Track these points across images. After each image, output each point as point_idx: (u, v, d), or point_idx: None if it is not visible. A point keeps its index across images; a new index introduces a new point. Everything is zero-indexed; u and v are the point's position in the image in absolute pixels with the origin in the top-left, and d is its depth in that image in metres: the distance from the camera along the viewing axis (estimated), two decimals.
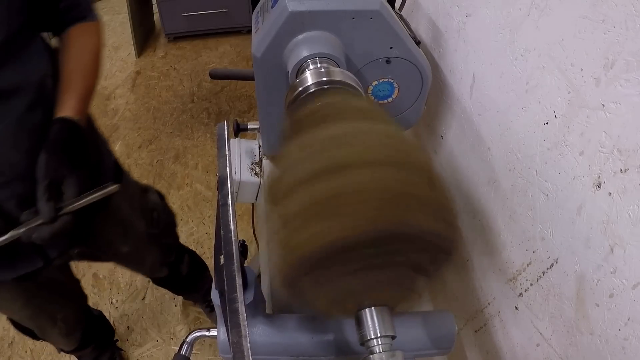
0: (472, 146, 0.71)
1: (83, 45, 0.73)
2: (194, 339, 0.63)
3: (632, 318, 0.42)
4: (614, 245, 0.43)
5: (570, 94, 0.48)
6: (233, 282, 0.42)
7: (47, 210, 0.58)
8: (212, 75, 1.00)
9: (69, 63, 0.70)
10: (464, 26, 0.71)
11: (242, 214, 1.69)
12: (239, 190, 0.90)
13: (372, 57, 0.62)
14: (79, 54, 0.72)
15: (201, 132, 2.26)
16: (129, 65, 2.74)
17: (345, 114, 0.47)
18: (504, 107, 0.61)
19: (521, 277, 0.60)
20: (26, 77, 0.65)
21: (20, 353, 1.45)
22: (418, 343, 0.56)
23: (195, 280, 1.34)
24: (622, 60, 0.41)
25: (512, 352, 0.65)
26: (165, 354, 1.45)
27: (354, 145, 0.41)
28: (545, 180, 0.54)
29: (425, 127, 0.90)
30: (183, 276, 1.26)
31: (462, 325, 0.80)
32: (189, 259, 1.27)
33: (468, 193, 0.73)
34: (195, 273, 1.32)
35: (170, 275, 1.20)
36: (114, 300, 1.59)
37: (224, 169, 0.50)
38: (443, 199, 0.41)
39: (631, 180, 0.41)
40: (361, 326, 0.45)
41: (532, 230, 0.57)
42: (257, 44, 0.59)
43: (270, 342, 0.55)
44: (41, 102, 0.67)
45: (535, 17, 0.53)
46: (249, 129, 0.94)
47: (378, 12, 0.57)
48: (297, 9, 0.56)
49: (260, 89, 0.65)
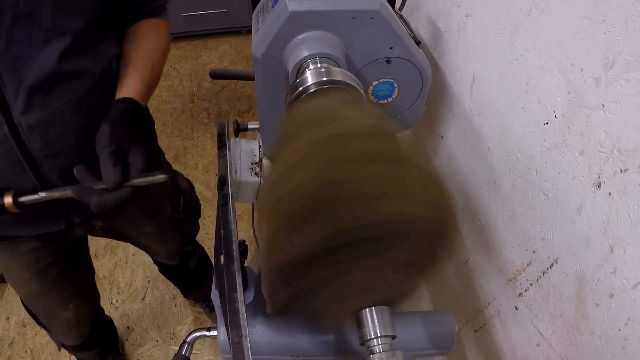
0: (472, 146, 0.71)
1: (155, 37, 0.74)
2: (194, 339, 0.63)
3: (632, 318, 0.42)
4: (614, 245, 0.43)
5: (570, 94, 0.48)
6: (233, 282, 0.42)
7: (112, 175, 0.54)
8: (212, 75, 1.00)
9: (138, 50, 0.71)
10: (464, 26, 0.71)
11: (242, 214, 1.69)
12: (239, 190, 0.90)
13: (372, 57, 0.62)
14: (151, 45, 0.73)
15: (201, 132, 2.26)
16: None
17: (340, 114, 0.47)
18: (504, 107, 0.61)
19: (521, 277, 0.60)
20: (95, 63, 0.65)
21: (20, 353, 1.45)
22: (418, 343, 0.56)
23: (201, 276, 1.34)
24: (622, 60, 0.41)
25: (512, 352, 0.65)
26: (165, 354, 1.45)
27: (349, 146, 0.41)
28: (545, 180, 0.54)
29: (425, 127, 0.90)
30: (191, 270, 1.26)
31: (462, 325, 0.80)
32: (199, 254, 1.28)
33: (468, 193, 0.73)
34: (202, 269, 1.32)
35: (180, 266, 1.21)
36: (114, 300, 1.58)
37: (224, 169, 0.50)
38: (441, 198, 0.41)
39: (631, 180, 0.41)
40: (361, 326, 0.45)
41: (532, 230, 0.57)
42: (257, 44, 0.59)
43: (270, 342, 0.55)
44: (102, 83, 0.67)
45: (535, 17, 0.53)
46: (249, 129, 0.94)
47: (378, 12, 0.57)
48: (297, 9, 0.56)
49: (260, 89, 0.65)
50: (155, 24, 0.76)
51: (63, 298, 0.97)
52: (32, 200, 0.59)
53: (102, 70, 0.67)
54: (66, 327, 1.03)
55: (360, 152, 0.40)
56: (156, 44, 0.74)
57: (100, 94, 0.67)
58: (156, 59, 0.73)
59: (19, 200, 0.58)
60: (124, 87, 0.66)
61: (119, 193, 0.55)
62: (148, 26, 0.75)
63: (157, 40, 0.75)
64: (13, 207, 0.58)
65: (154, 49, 0.73)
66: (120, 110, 0.62)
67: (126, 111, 0.62)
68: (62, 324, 1.02)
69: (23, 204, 0.59)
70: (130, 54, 0.70)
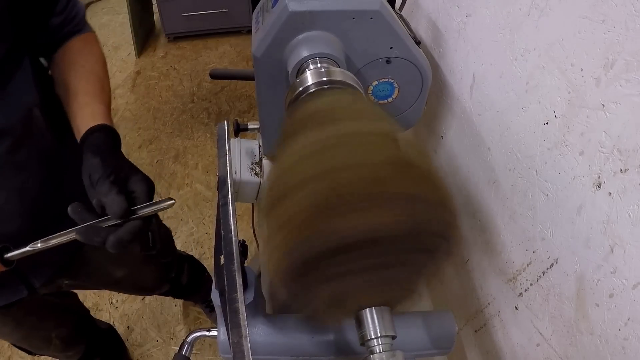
0: (472, 146, 0.71)
1: (90, 54, 0.68)
2: (194, 339, 0.63)
3: (632, 318, 0.42)
4: (614, 245, 0.43)
5: (570, 94, 0.48)
6: (233, 282, 0.42)
7: (119, 202, 0.47)
8: (212, 75, 1.00)
9: (79, 73, 0.64)
10: (464, 26, 0.71)
11: (242, 214, 1.69)
12: (239, 190, 0.90)
13: (372, 57, 0.62)
14: (89, 63, 0.67)
15: (201, 132, 2.26)
16: (129, 65, 2.74)
17: (340, 115, 0.47)
18: (504, 107, 0.61)
19: (521, 277, 0.60)
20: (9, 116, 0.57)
21: (20, 353, 1.45)
22: (418, 343, 0.56)
23: (196, 285, 1.34)
24: (622, 60, 0.41)
25: (512, 352, 0.65)
26: (165, 354, 1.45)
27: (350, 146, 0.41)
28: (545, 180, 0.54)
29: (425, 127, 0.90)
30: (184, 285, 1.25)
31: (462, 325, 0.80)
32: (188, 267, 1.25)
33: (468, 193, 0.73)
34: (195, 279, 1.31)
35: (171, 287, 1.20)
36: (114, 300, 1.58)
37: (224, 169, 0.50)
38: (443, 198, 0.41)
39: (631, 180, 0.41)
40: (361, 326, 0.45)
41: (532, 230, 0.57)
42: (257, 44, 0.59)
43: (270, 342, 0.55)
44: (27, 139, 0.60)
45: (535, 17, 0.53)
46: (249, 129, 0.94)
47: (378, 12, 0.57)
48: (297, 9, 0.56)
49: (260, 89, 0.65)
50: (83, 40, 0.69)
51: (46, 334, 0.96)
52: (22, 255, 0.51)
53: (23, 124, 0.59)
54: (60, 351, 1.04)
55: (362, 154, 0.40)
56: (94, 59, 0.68)
57: (29, 149, 0.60)
58: (101, 76, 0.67)
59: (5, 256, 0.50)
60: (86, 115, 0.60)
61: (133, 225, 0.49)
62: (77, 45, 0.68)
63: (92, 56, 0.68)
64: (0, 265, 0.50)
65: (94, 66, 0.67)
66: (102, 139, 0.56)
67: (108, 138, 0.57)
68: (54, 351, 1.03)
69: (10, 261, 0.51)
70: (73, 80, 0.64)
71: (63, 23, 0.66)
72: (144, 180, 0.52)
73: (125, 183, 0.51)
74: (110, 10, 3.32)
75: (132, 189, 0.51)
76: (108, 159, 0.52)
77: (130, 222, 0.49)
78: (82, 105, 0.61)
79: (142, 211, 0.49)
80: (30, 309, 0.86)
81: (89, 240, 0.48)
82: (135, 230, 0.49)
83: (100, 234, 0.48)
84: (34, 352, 1.01)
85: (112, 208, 0.47)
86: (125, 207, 0.48)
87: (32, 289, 0.73)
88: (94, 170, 0.51)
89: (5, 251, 0.51)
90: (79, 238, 0.48)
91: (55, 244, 0.50)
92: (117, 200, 0.47)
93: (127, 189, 0.50)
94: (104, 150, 0.54)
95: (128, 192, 0.50)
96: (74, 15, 0.68)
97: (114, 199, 0.47)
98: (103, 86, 0.66)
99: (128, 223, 0.49)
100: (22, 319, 0.85)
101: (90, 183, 0.51)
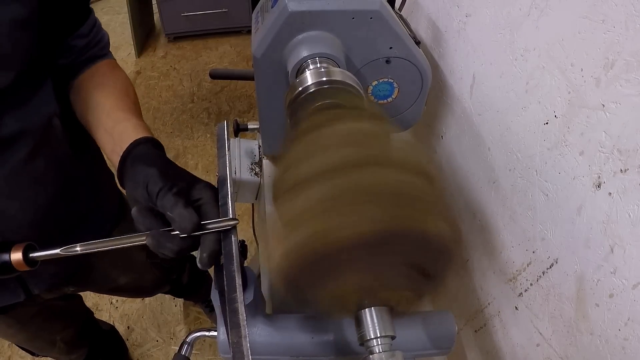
0: (472, 146, 0.71)
1: (118, 77, 0.66)
2: (194, 339, 0.63)
3: (632, 318, 0.42)
4: (614, 245, 0.43)
5: (570, 94, 0.48)
6: (233, 282, 0.42)
7: (188, 218, 0.42)
8: (212, 75, 1.00)
9: (114, 94, 0.62)
10: (464, 26, 0.71)
11: (242, 214, 1.69)
12: (239, 190, 0.90)
13: (372, 57, 0.62)
14: (121, 85, 0.64)
15: (201, 132, 2.26)
16: (129, 65, 2.74)
17: (349, 114, 0.47)
18: (504, 107, 0.61)
19: (521, 277, 0.60)
20: (31, 123, 0.56)
21: (21, 353, 1.45)
22: (418, 343, 0.56)
23: (197, 284, 1.34)
24: (622, 60, 0.41)
25: (512, 352, 0.65)
26: (165, 354, 1.45)
27: (360, 145, 0.42)
28: (545, 180, 0.53)
29: (425, 127, 0.90)
30: (184, 284, 1.25)
31: (462, 325, 0.80)
32: (189, 267, 1.25)
33: (468, 193, 0.73)
34: (196, 278, 1.32)
35: (172, 287, 1.20)
36: (114, 300, 1.58)
37: (224, 169, 0.50)
38: (443, 201, 0.42)
39: (631, 180, 0.41)
40: (361, 326, 0.45)
41: (532, 230, 0.57)
42: (257, 44, 0.59)
43: (270, 342, 0.55)
44: (44, 148, 0.59)
45: (535, 17, 0.53)
46: (249, 129, 0.94)
47: (378, 12, 0.57)
48: (297, 9, 0.56)
49: (260, 89, 0.65)
50: (108, 65, 0.67)
51: (51, 337, 0.96)
52: (50, 257, 0.47)
53: (43, 132, 0.58)
54: (64, 354, 1.05)
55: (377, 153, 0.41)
56: (123, 82, 0.66)
57: (46, 160, 0.59)
58: (134, 99, 0.64)
59: (30, 256, 0.47)
60: (126, 128, 0.56)
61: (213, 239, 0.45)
62: (103, 69, 0.66)
63: (121, 79, 0.66)
64: (23, 264, 0.46)
65: (126, 88, 0.64)
66: (152, 150, 0.52)
67: (158, 149, 0.53)
68: (58, 353, 1.03)
69: (35, 261, 0.47)
70: (104, 99, 0.60)
71: (87, 46, 0.65)
72: (208, 187, 0.48)
73: (189, 192, 0.47)
74: (110, 10, 3.32)
75: (197, 197, 0.47)
76: (165, 168, 0.48)
77: (208, 236, 0.45)
78: (120, 120, 0.57)
79: (208, 227, 0.45)
80: (35, 312, 0.85)
81: (160, 247, 0.43)
82: (217, 246, 0.45)
83: (173, 242, 0.43)
84: (36, 353, 1.02)
85: (181, 223, 0.42)
86: (196, 221, 0.43)
87: (29, 295, 0.72)
88: (153, 182, 0.45)
89: (31, 250, 0.47)
90: (149, 243, 0.44)
91: (91, 250, 0.46)
92: (186, 215, 0.43)
93: (191, 198, 0.46)
94: (158, 161, 0.50)
95: (193, 201, 0.46)
96: (98, 40, 0.67)
97: (182, 214, 0.43)
98: (137, 107, 0.63)
99: (207, 237, 0.45)
100: (27, 321, 0.85)
101: (149, 196, 0.45)
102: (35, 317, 0.86)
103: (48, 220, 0.64)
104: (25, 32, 0.52)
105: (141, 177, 0.47)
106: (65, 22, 0.61)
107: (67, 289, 0.83)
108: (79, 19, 0.63)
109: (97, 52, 0.67)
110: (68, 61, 0.64)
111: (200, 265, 0.44)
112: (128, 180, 0.49)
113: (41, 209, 0.62)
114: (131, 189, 0.48)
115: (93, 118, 0.60)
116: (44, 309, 0.88)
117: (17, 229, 0.60)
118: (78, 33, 0.63)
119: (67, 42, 0.62)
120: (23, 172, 0.57)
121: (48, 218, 0.64)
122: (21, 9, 0.50)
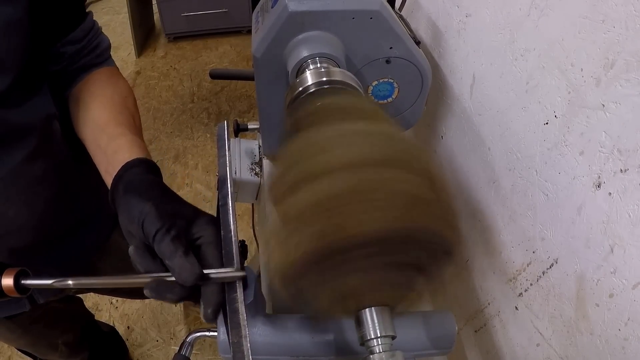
0: (472, 146, 0.71)
1: (117, 87, 0.62)
2: (194, 339, 0.63)
3: (632, 318, 0.42)
4: (614, 245, 0.43)
5: (570, 94, 0.48)
6: (233, 283, 0.42)
7: (189, 270, 0.39)
8: (212, 75, 1.00)
9: (110, 106, 0.58)
10: (464, 26, 0.71)
11: (242, 214, 1.69)
12: (239, 190, 0.90)
13: (372, 57, 0.62)
14: (119, 97, 0.61)
15: (201, 132, 2.26)
16: (129, 65, 2.74)
17: (349, 113, 0.47)
18: (504, 107, 0.61)
19: (521, 277, 0.60)
20: (29, 125, 0.55)
21: (21, 353, 1.45)
22: (418, 343, 0.56)
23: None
24: (622, 60, 0.41)
25: (512, 352, 0.65)
26: (165, 354, 1.45)
27: (360, 145, 0.42)
28: (545, 180, 0.54)
29: (425, 127, 0.90)
30: None
31: (462, 325, 0.80)
32: None
33: (468, 193, 0.73)
34: None
35: None
36: (114, 300, 1.58)
37: (224, 169, 0.50)
38: (446, 201, 0.42)
39: (631, 180, 0.41)
40: (361, 326, 0.45)
41: (532, 230, 0.57)
42: (257, 44, 0.59)
43: (270, 342, 0.55)
44: (44, 150, 0.57)
45: (535, 17, 0.53)
46: (249, 129, 0.94)
47: (378, 12, 0.57)
48: (297, 9, 0.56)
49: (260, 89, 0.65)
50: (107, 73, 0.63)
51: (53, 341, 0.97)
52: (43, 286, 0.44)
53: (42, 133, 0.56)
54: (65, 357, 1.05)
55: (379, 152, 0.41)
56: (122, 92, 0.62)
57: (45, 162, 0.58)
58: (133, 111, 0.61)
59: (22, 283, 0.43)
60: (120, 146, 0.52)
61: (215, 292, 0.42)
62: (100, 78, 0.62)
63: (119, 90, 0.62)
64: (14, 291, 0.43)
65: (124, 99, 0.61)
66: (146, 176, 0.48)
67: (152, 175, 0.49)
68: (60, 357, 1.03)
69: (26, 289, 0.44)
70: (99, 112, 0.57)
71: (80, 53, 0.61)
72: (209, 222, 0.44)
73: (188, 230, 0.43)
74: (110, 10, 3.32)
75: (197, 235, 0.43)
76: (162, 203, 0.43)
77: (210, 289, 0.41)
78: (115, 137, 0.54)
79: (213, 278, 0.42)
80: (37, 316, 0.85)
81: (159, 297, 0.40)
82: (221, 297, 0.42)
83: (173, 292, 0.40)
84: (38, 357, 1.02)
85: (181, 275, 0.39)
86: (198, 272, 0.40)
87: (35, 304, 0.72)
88: (149, 222, 0.41)
89: (23, 276, 0.43)
90: (148, 294, 0.40)
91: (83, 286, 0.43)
92: (187, 267, 0.39)
93: (192, 237, 0.43)
94: (153, 193, 0.45)
95: (193, 240, 0.43)
96: (94, 46, 0.63)
97: (182, 265, 0.39)
98: (135, 121, 0.60)
99: (210, 287, 0.42)
100: (29, 326, 0.85)
101: (145, 236, 0.42)
102: (37, 321, 0.86)
103: (48, 222, 0.64)
104: (18, 36, 0.50)
105: (136, 212, 0.43)
106: (55, 27, 0.58)
107: (69, 290, 0.84)
108: (70, 24, 0.59)
109: (94, 60, 0.63)
110: (60, 67, 0.61)
111: (205, 320, 0.42)
112: (122, 212, 0.45)
113: (41, 212, 0.62)
114: (126, 223, 0.44)
115: (87, 133, 0.57)
116: (46, 313, 0.88)
117: (18, 232, 0.60)
118: (68, 39, 0.59)
119: (56, 48, 0.59)
120: (23, 174, 0.56)
121: (48, 220, 0.64)
122: (13, 12, 0.49)
